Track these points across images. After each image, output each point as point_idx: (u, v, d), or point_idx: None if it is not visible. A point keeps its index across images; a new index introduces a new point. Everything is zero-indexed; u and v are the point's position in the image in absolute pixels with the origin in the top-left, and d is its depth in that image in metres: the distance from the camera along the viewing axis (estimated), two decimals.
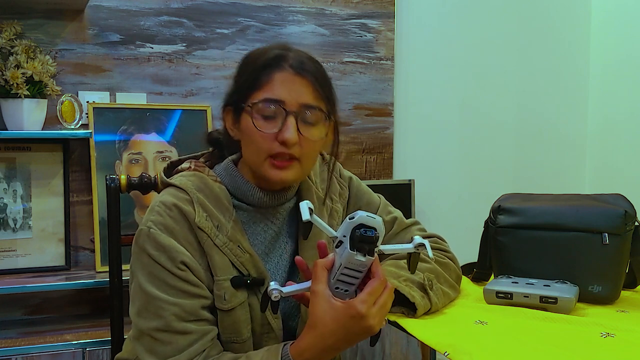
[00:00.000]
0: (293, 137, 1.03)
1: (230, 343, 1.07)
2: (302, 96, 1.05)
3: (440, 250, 1.24)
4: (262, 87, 1.06)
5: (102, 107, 2.14)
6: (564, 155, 2.87)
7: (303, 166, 1.08)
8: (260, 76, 1.06)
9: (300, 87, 1.06)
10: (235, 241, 1.07)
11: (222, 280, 1.05)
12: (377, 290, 0.94)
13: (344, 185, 1.25)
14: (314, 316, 0.95)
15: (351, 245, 0.92)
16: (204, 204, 1.07)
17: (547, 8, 2.81)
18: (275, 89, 1.05)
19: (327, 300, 0.94)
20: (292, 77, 1.06)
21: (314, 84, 1.06)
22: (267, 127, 1.05)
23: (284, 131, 1.03)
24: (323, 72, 1.10)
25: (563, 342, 0.97)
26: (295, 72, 1.06)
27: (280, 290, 0.98)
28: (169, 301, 1.01)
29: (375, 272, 0.95)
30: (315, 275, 0.95)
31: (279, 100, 1.05)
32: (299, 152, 1.05)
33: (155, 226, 1.04)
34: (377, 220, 0.92)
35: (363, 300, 0.93)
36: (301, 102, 1.05)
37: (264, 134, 1.04)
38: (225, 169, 1.14)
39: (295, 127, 1.04)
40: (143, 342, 1.03)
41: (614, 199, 1.27)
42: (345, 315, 0.93)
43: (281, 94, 1.05)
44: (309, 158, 1.09)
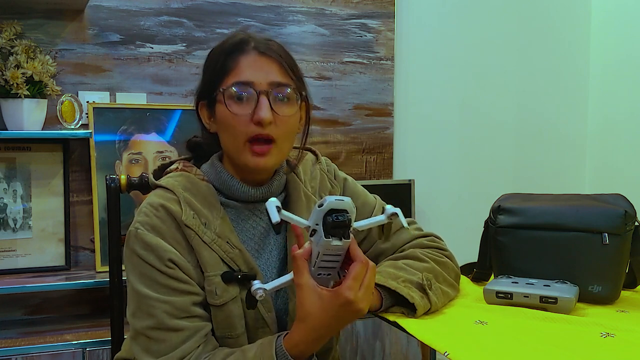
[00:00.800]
0: (267, 115, 1.05)
1: (224, 338, 1.08)
2: (270, 75, 1.08)
3: (437, 249, 1.24)
4: (230, 73, 1.08)
5: (102, 107, 2.14)
6: (564, 155, 2.87)
7: (280, 148, 1.09)
8: (227, 62, 1.09)
9: (268, 66, 1.08)
10: (224, 237, 1.08)
11: (213, 276, 1.06)
12: (360, 273, 0.94)
13: (336, 185, 1.26)
14: (303, 309, 0.95)
15: (325, 232, 0.91)
16: (191, 202, 1.08)
17: (547, 8, 2.81)
18: (243, 71, 1.07)
19: (314, 291, 0.94)
20: (258, 58, 1.08)
21: (280, 62, 1.09)
22: (240, 110, 1.06)
23: (258, 111, 1.05)
24: (287, 52, 1.12)
25: (563, 342, 0.97)
26: (260, 53, 1.08)
27: (264, 289, 0.98)
28: (160, 299, 1.03)
29: (355, 255, 0.95)
30: (297, 267, 0.95)
31: (248, 82, 1.06)
32: (275, 132, 1.07)
33: (142, 227, 1.05)
34: (347, 202, 0.92)
35: (349, 287, 0.93)
36: (270, 81, 1.07)
37: (239, 118, 1.06)
38: (211, 166, 1.16)
39: (268, 106, 1.06)
40: (139, 342, 1.04)
41: (614, 199, 1.27)
42: (334, 304, 0.94)
43: (249, 75, 1.07)
44: (285, 139, 1.10)
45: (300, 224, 0.96)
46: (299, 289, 0.95)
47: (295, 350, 0.97)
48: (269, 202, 0.94)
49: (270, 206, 0.94)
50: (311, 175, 1.24)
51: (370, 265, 0.97)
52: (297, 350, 0.97)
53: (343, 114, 2.51)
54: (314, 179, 1.24)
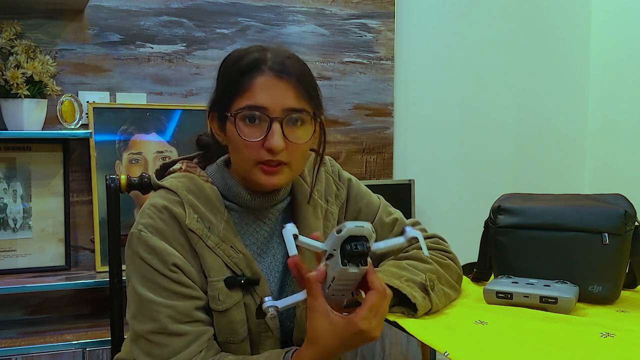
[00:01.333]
0: (279, 145, 1.02)
1: (226, 343, 1.07)
2: (285, 100, 1.03)
3: (441, 251, 1.24)
4: (244, 94, 1.03)
5: (102, 107, 2.14)
6: (564, 155, 2.87)
7: (292, 169, 1.07)
8: (241, 82, 1.04)
9: (283, 91, 1.03)
10: (227, 242, 1.07)
11: (216, 281, 1.05)
12: (377, 304, 0.92)
13: (341, 187, 1.24)
14: (314, 332, 0.94)
15: (343, 260, 0.89)
16: (195, 205, 1.07)
17: (547, 8, 2.81)
18: (256, 95, 1.03)
19: (327, 316, 0.93)
20: (273, 81, 1.03)
21: (296, 86, 1.04)
22: (252, 136, 1.03)
23: (270, 139, 1.02)
24: (305, 71, 1.08)
25: (563, 342, 0.97)
26: (276, 75, 1.03)
27: (275, 307, 0.96)
28: (163, 303, 1.01)
29: (373, 283, 0.92)
30: (310, 290, 0.93)
31: (261, 107, 1.02)
32: (286, 157, 1.04)
33: (145, 229, 1.04)
34: (366, 228, 0.89)
35: (364, 317, 0.91)
36: (284, 107, 1.03)
37: (250, 143, 1.03)
38: (216, 170, 1.14)
39: (280, 133, 1.02)
40: (140, 345, 1.03)
41: (614, 199, 1.27)
42: (347, 333, 0.92)
43: (263, 100, 1.02)
44: (297, 161, 1.08)
45: (317, 249, 0.94)
46: (311, 312, 0.93)
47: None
48: (286, 231, 0.92)
49: (288, 235, 0.91)
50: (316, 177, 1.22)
51: (388, 293, 0.95)
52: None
53: (343, 114, 2.51)
54: (320, 181, 1.22)
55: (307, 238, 0.93)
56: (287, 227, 0.92)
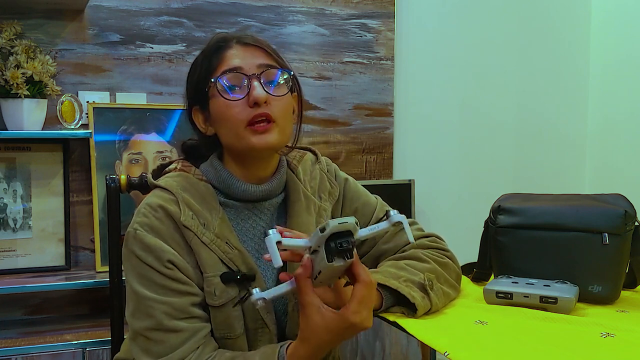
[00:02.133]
0: (262, 95, 1.05)
1: (223, 339, 1.08)
2: (256, 59, 1.09)
3: (439, 250, 1.24)
4: (217, 67, 1.09)
5: (102, 107, 2.14)
6: (564, 155, 2.87)
7: (281, 127, 1.09)
8: (212, 60, 1.10)
9: (252, 53, 1.10)
10: (223, 238, 1.08)
11: (212, 277, 1.06)
12: (366, 295, 0.93)
13: (335, 185, 1.25)
14: (307, 329, 0.95)
15: (328, 257, 0.89)
16: (190, 203, 1.08)
17: (547, 8, 2.81)
18: (229, 61, 1.09)
19: (318, 311, 0.93)
20: (242, 48, 1.10)
21: (265, 49, 1.11)
22: (235, 97, 1.07)
23: (252, 93, 1.06)
24: (268, 43, 1.14)
25: (563, 342, 0.97)
26: (244, 44, 1.11)
27: (263, 298, 0.95)
28: (159, 300, 1.02)
29: (359, 275, 0.93)
30: (299, 287, 0.94)
31: (237, 68, 1.08)
32: (272, 111, 1.07)
33: (141, 227, 1.05)
34: (349, 223, 0.89)
35: (355, 311, 0.93)
36: (258, 64, 1.08)
37: (235, 103, 1.06)
38: (210, 165, 1.15)
39: (261, 86, 1.06)
40: (138, 343, 1.04)
41: (614, 199, 1.27)
42: (338, 327, 0.93)
43: (237, 62, 1.08)
44: (283, 118, 1.09)
45: (302, 248, 0.94)
46: (304, 308, 0.94)
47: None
48: (269, 239, 0.90)
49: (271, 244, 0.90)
50: (311, 175, 1.23)
51: (373, 282, 0.96)
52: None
53: (343, 114, 2.51)
54: (314, 179, 1.23)
55: (291, 239, 0.94)
56: (270, 234, 0.91)
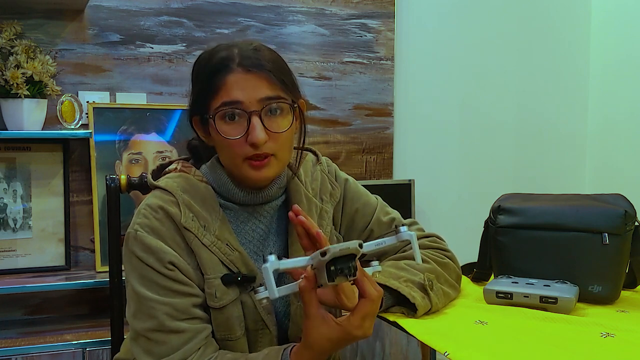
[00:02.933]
0: (262, 138, 1.03)
1: (224, 341, 1.08)
2: (258, 91, 1.04)
3: (439, 250, 1.24)
4: (218, 94, 1.05)
5: (102, 107, 2.14)
6: (564, 155, 2.87)
7: (279, 159, 1.08)
8: (213, 83, 1.05)
9: (255, 84, 1.04)
10: (223, 240, 1.08)
11: (212, 279, 1.06)
12: (369, 311, 0.93)
13: (336, 186, 1.25)
14: (310, 338, 0.94)
15: (329, 278, 0.88)
16: (190, 204, 1.08)
17: (547, 8, 2.81)
18: (230, 91, 1.04)
19: (322, 322, 0.93)
20: (244, 76, 1.04)
21: (268, 76, 1.04)
22: (233, 134, 1.04)
23: (251, 133, 1.03)
24: (274, 58, 1.08)
25: (563, 342, 0.97)
26: (245, 70, 1.04)
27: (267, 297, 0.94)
28: (160, 301, 1.02)
29: (364, 291, 0.92)
30: (304, 300, 0.93)
31: (236, 102, 1.03)
32: (271, 148, 1.05)
33: (141, 229, 1.05)
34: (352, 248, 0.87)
35: (358, 326, 0.92)
36: (259, 98, 1.04)
37: (233, 141, 1.04)
38: (210, 168, 1.15)
39: (261, 125, 1.03)
40: (139, 344, 1.04)
41: (614, 199, 1.27)
42: (341, 338, 0.94)
43: (237, 95, 1.03)
44: (283, 150, 1.08)
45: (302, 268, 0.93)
46: (307, 320, 0.94)
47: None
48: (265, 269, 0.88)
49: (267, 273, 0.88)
50: (312, 176, 1.23)
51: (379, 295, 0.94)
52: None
53: (343, 114, 2.51)
54: (315, 180, 1.23)
55: (289, 261, 0.92)
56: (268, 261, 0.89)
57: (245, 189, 1.12)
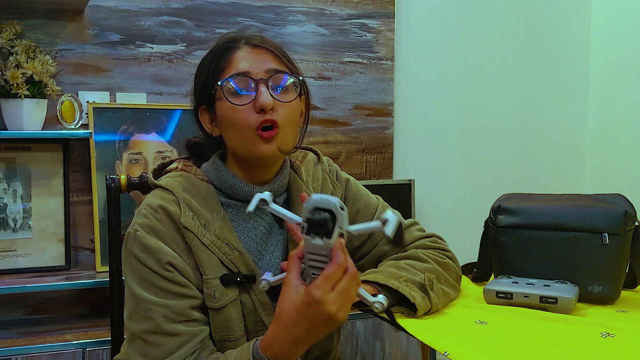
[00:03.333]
0: (269, 100, 1.05)
1: (223, 341, 1.07)
2: (265, 63, 1.08)
3: (439, 250, 1.24)
4: (225, 69, 1.08)
5: (102, 107, 2.14)
6: (564, 155, 2.87)
7: (284, 134, 1.08)
8: (220, 61, 1.09)
9: (262, 56, 1.09)
10: (223, 239, 1.08)
11: (211, 279, 1.05)
12: (333, 275, 0.89)
13: (337, 186, 1.25)
14: (279, 305, 0.92)
15: (308, 231, 0.89)
16: (191, 203, 1.07)
17: (547, 8, 2.81)
18: (238, 64, 1.08)
19: (292, 288, 0.91)
20: (251, 50, 1.09)
21: (274, 52, 1.10)
22: (242, 102, 1.06)
23: (259, 98, 1.05)
24: (277, 44, 1.13)
25: (563, 342, 0.97)
26: (253, 46, 1.09)
27: (267, 280, 0.97)
28: (158, 302, 1.02)
29: (334, 256, 0.89)
30: (288, 265, 0.93)
31: (244, 72, 1.07)
32: (279, 116, 1.06)
33: (141, 228, 1.05)
34: (331, 202, 0.88)
35: (317, 286, 0.88)
36: (266, 68, 1.07)
37: (242, 108, 1.06)
38: (211, 165, 1.15)
39: (267, 91, 1.06)
40: (135, 345, 1.04)
41: (614, 199, 1.27)
42: (303, 303, 0.89)
43: (245, 66, 1.07)
44: (288, 124, 1.09)
45: (291, 220, 0.95)
46: (284, 285, 0.93)
47: (270, 352, 0.94)
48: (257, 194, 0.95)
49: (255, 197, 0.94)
50: (313, 176, 1.23)
51: (351, 271, 0.91)
52: (271, 351, 0.93)
53: (343, 114, 2.51)
54: (316, 179, 1.23)
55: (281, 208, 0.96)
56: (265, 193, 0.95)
57: (248, 183, 1.12)
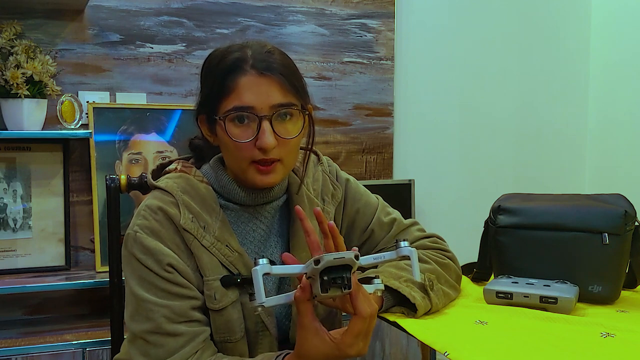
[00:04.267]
0: (271, 143, 1.02)
1: (223, 343, 1.07)
2: (271, 97, 1.03)
3: (440, 250, 1.24)
4: (230, 96, 1.04)
5: (102, 107, 2.14)
6: (564, 155, 2.87)
7: (286, 165, 1.08)
8: (225, 84, 1.04)
9: (268, 88, 1.03)
10: (223, 241, 1.07)
11: (212, 280, 1.06)
12: (362, 329, 0.92)
13: (338, 187, 1.25)
14: (303, 348, 0.94)
15: (323, 288, 0.87)
16: (190, 205, 1.07)
17: (547, 8, 2.81)
18: (242, 95, 1.03)
19: (316, 335, 0.93)
20: (257, 80, 1.03)
21: (280, 81, 1.04)
22: (242, 136, 1.04)
23: (261, 137, 1.02)
24: (288, 63, 1.07)
25: (563, 342, 0.97)
26: (259, 73, 1.03)
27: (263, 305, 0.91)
28: (158, 303, 1.02)
29: (357, 308, 0.91)
30: (300, 310, 0.93)
31: (249, 107, 1.03)
32: (279, 153, 1.05)
33: (141, 230, 1.05)
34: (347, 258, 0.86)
35: (351, 344, 0.92)
36: (272, 104, 1.03)
37: (242, 144, 1.04)
38: (211, 168, 1.15)
39: (271, 131, 1.02)
40: (136, 346, 1.04)
41: (614, 199, 1.27)
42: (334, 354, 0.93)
43: (250, 99, 1.02)
44: (290, 156, 1.08)
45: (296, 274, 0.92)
46: (301, 329, 0.93)
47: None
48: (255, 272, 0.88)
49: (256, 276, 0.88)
50: (313, 177, 1.23)
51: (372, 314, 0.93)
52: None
53: (343, 114, 2.51)
54: (316, 181, 1.22)
55: (281, 267, 0.92)
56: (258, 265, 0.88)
57: (246, 189, 1.12)
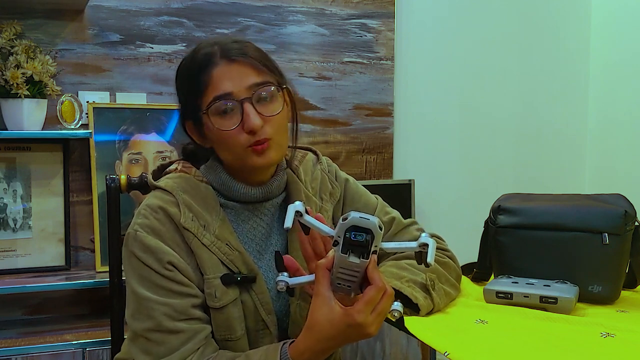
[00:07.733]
0: (257, 123, 1.04)
1: (224, 341, 1.08)
2: (245, 79, 1.06)
3: (440, 249, 1.24)
4: (206, 90, 1.06)
5: (102, 107, 2.14)
6: (564, 155, 2.87)
7: (278, 143, 1.09)
8: (200, 81, 1.07)
9: (241, 72, 1.06)
10: (223, 239, 1.08)
11: (212, 279, 1.06)
12: (374, 298, 0.92)
13: (336, 186, 1.25)
14: (313, 318, 0.94)
15: (344, 248, 0.90)
16: (190, 204, 1.08)
17: (547, 8, 2.81)
18: (218, 84, 1.06)
19: (328, 303, 0.93)
20: (229, 67, 1.06)
21: (252, 63, 1.07)
22: (229, 125, 1.05)
23: (246, 120, 1.04)
24: (255, 48, 1.11)
25: (563, 342, 0.97)
26: (230, 60, 1.07)
27: (286, 282, 0.97)
28: (159, 301, 1.03)
29: (373, 278, 0.92)
30: (317, 277, 0.94)
31: (227, 94, 1.05)
32: (268, 132, 1.06)
33: (141, 229, 1.06)
34: (372, 221, 0.89)
35: (360, 310, 0.91)
36: (247, 85, 1.06)
37: (230, 132, 1.05)
38: (210, 167, 1.15)
39: (255, 112, 1.05)
40: (138, 344, 1.04)
41: (614, 199, 1.27)
42: (343, 323, 0.92)
43: (226, 86, 1.05)
44: (279, 133, 1.09)
45: (323, 232, 0.95)
46: (315, 297, 0.94)
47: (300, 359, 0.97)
48: (291, 206, 0.94)
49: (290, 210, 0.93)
50: (312, 176, 1.23)
51: (388, 291, 0.94)
52: (302, 359, 0.97)
53: (343, 114, 2.51)
54: (315, 179, 1.23)
55: (314, 219, 0.95)
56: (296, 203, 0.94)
57: (245, 184, 1.12)
